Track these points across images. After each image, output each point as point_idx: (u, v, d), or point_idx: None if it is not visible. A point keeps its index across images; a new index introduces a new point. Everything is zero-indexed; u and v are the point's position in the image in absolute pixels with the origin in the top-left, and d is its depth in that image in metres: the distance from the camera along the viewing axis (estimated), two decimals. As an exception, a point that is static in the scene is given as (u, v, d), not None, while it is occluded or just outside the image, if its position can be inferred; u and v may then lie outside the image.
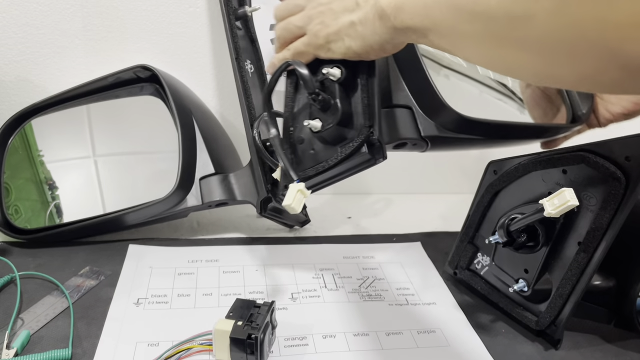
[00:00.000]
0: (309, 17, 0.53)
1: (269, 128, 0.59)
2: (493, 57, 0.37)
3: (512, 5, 0.32)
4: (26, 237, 0.71)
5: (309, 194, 0.53)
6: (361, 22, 0.49)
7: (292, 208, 0.51)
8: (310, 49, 0.54)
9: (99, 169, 0.75)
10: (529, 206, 0.59)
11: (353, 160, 0.57)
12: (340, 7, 0.51)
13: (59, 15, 0.80)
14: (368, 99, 0.56)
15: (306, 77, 0.54)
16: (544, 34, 0.31)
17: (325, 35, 0.52)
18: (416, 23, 0.43)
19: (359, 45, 0.50)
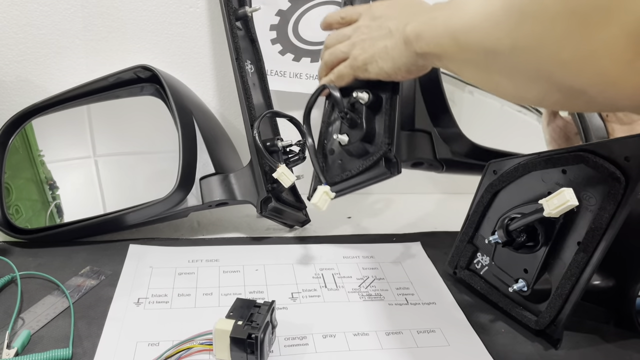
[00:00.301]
0: (353, 44, 0.63)
1: (306, 138, 0.69)
2: (482, 79, 0.44)
3: (486, 41, 0.40)
4: (27, 236, 0.71)
5: (333, 195, 0.64)
6: (392, 47, 0.57)
7: (318, 206, 0.63)
8: (351, 70, 0.63)
9: (99, 169, 0.75)
10: (528, 206, 0.59)
11: (372, 172, 0.68)
12: (378, 35, 0.60)
13: (60, 16, 0.80)
14: (389, 121, 0.66)
15: (338, 99, 0.65)
16: (508, 65, 0.38)
17: (363, 59, 0.61)
18: (431, 49, 0.50)
19: (390, 66, 0.59)
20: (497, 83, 0.42)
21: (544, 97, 0.38)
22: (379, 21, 0.62)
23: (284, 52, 0.86)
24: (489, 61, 0.40)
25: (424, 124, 0.71)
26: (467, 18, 0.43)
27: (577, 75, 0.31)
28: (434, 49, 0.50)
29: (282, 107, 0.88)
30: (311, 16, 0.85)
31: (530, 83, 0.37)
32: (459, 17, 0.44)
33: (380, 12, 0.63)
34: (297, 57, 0.87)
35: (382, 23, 0.61)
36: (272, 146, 0.73)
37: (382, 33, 0.60)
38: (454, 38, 0.45)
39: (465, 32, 0.43)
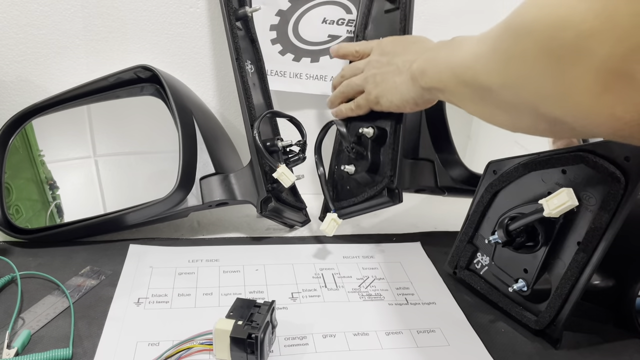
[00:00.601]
0: (366, 79, 0.70)
1: (318, 167, 0.76)
2: (480, 111, 0.48)
3: (479, 78, 0.44)
4: (27, 236, 0.71)
5: (340, 222, 0.73)
6: (401, 83, 0.63)
7: (326, 232, 0.72)
8: (366, 103, 0.70)
9: (99, 169, 0.75)
10: (528, 206, 0.59)
11: (375, 200, 0.74)
12: (387, 71, 0.67)
13: (60, 16, 0.80)
14: (392, 154, 0.72)
15: (344, 134, 0.72)
16: (500, 99, 0.42)
17: (376, 94, 0.68)
18: (435, 84, 0.55)
19: (399, 99, 0.65)
20: (493, 114, 0.46)
21: (534, 127, 0.42)
22: (388, 57, 0.67)
23: (284, 52, 0.86)
24: (483, 95, 0.44)
25: (428, 153, 0.77)
26: (463, 57, 0.47)
27: (557, 107, 0.35)
28: (437, 84, 0.54)
29: (282, 107, 0.88)
30: (311, 16, 0.85)
31: (521, 115, 0.41)
32: (456, 56, 0.49)
33: (389, 48, 0.68)
34: (297, 57, 0.87)
35: (390, 59, 0.67)
36: (272, 146, 0.73)
37: (392, 69, 0.66)
38: (454, 75, 0.49)
39: (462, 70, 0.47)
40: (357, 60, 0.74)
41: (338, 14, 0.85)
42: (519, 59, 0.37)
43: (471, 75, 0.45)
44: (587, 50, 0.30)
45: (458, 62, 0.48)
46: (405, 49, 0.66)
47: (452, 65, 0.50)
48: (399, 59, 0.65)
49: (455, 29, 0.85)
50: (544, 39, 0.33)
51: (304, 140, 0.76)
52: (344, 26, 0.86)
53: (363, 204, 0.75)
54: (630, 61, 0.28)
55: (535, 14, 0.34)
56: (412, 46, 0.66)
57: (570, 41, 0.31)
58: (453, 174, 0.76)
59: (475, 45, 0.44)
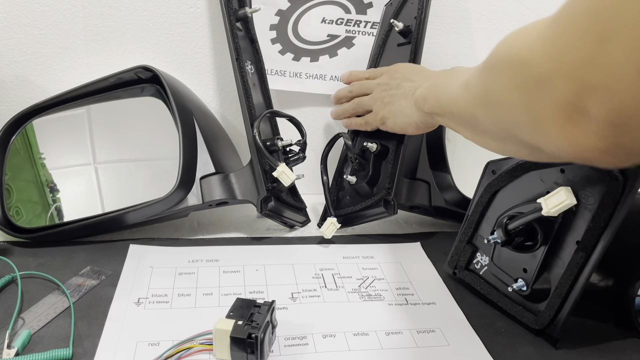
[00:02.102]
0: (375, 100, 0.75)
1: (322, 175, 0.80)
2: (473, 136, 0.52)
3: (468, 108, 0.48)
4: (27, 236, 0.71)
5: (339, 226, 0.77)
6: (405, 106, 0.68)
7: (325, 234, 0.76)
8: (373, 122, 0.76)
9: (100, 169, 0.75)
10: (527, 205, 0.59)
11: (373, 210, 0.78)
12: (396, 95, 0.71)
13: (60, 16, 0.80)
14: (392, 169, 0.77)
15: (349, 146, 0.77)
16: (486, 127, 0.46)
17: (382, 115, 0.73)
18: (434, 110, 0.60)
19: (403, 122, 0.69)
20: (482, 140, 0.50)
21: (518, 152, 0.47)
22: (397, 81, 0.72)
23: (284, 51, 0.86)
24: (473, 123, 0.49)
25: (425, 175, 0.81)
26: (456, 87, 0.51)
27: (531, 136, 0.39)
28: (436, 110, 0.59)
29: (282, 106, 0.88)
30: (310, 16, 0.85)
31: (505, 141, 0.45)
32: (452, 85, 0.53)
33: (399, 74, 0.74)
34: (296, 57, 0.87)
35: (399, 83, 0.71)
36: (272, 145, 0.73)
37: (399, 92, 0.71)
38: (450, 102, 0.54)
39: (455, 99, 0.52)
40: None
41: (337, 13, 0.86)
42: (496, 92, 0.42)
43: (462, 104, 0.50)
44: (548, 86, 0.34)
45: (453, 92, 0.52)
46: (413, 75, 0.71)
47: (449, 93, 0.54)
48: (407, 84, 0.70)
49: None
50: (514, 75, 0.38)
51: (304, 140, 0.76)
52: (343, 26, 0.86)
53: (361, 213, 0.79)
54: (583, 97, 0.31)
55: (505, 54, 0.39)
56: (419, 74, 0.71)
57: (533, 78, 0.35)
58: (446, 196, 0.80)
59: (466, 77, 0.49)
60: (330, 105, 0.92)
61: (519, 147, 0.44)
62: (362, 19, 0.87)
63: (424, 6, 0.79)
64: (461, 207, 0.77)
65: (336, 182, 0.84)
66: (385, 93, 0.73)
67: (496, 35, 0.89)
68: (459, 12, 0.90)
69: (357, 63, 0.88)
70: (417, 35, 0.78)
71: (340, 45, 0.88)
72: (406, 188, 0.79)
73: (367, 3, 0.86)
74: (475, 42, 0.92)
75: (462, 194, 0.79)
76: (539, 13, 0.91)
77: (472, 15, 0.90)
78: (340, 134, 0.78)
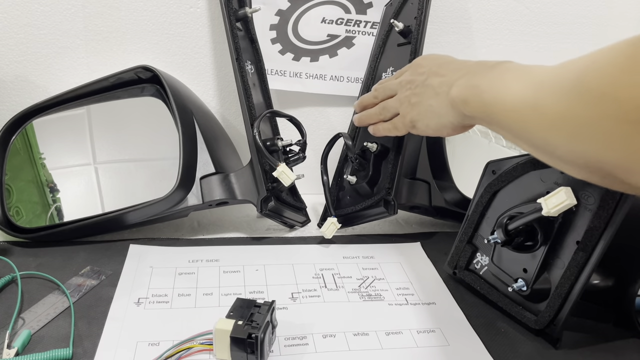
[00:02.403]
0: (400, 101, 0.67)
1: (322, 175, 0.79)
2: (535, 154, 0.46)
3: (537, 133, 0.42)
4: (27, 236, 0.71)
5: (339, 226, 0.76)
6: (438, 107, 0.59)
7: (325, 234, 0.76)
8: (402, 126, 0.67)
9: (100, 169, 0.75)
10: (527, 205, 0.59)
11: (373, 210, 0.78)
12: (422, 93, 0.63)
13: (61, 16, 0.80)
14: (392, 169, 0.76)
15: (350, 146, 0.76)
16: (561, 153, 0.41)
17: (411, 117, 0.64)
18: (478, 114, 0.52)
19: (435, 124, 0.61)
20: (550, 160, 0.44)
21: (596, 180, 0.41)
22: (423, 77, 0.63)
23: (284, 51, 0.86)
24: (544, 146, 0.43)
25: (425, 175, 0.81)
26: (514, 100, 0.45)
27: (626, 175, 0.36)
28: (482, 116, 0.51)
29: (282, 106, 0.88)
30: (310, 16, 0.85)
31: (583, 169, 0.41)
32: (504, 95, 0.46)
33: (423, 68, 0.64)
34: (296, 57, 0.87)
35: (425, 80, 0.62)
36: (272, 145, 0.73)
37: (427, 91, 0.62)
38: (507, 117, 0.46)
39: (518, 115, 0.44)
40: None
41: (337, 13, 0.86)
42: (589, 125, 0.37)
43: (531, 126, 0.43)
44: None
45: (511, 103, 0.45)
46: (440, 69, 0.62)
47: (504, 104, 0.47)
48: (435, 80, 0.61)
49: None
50: (631, 108, 0.33)
51: (304, 140, 0.76)
52: (343, 26, 0.86)
53: (361, 213, 0.79)
54: None
55: (623, 81, 0.34)
56: (448, 66, 0.62)
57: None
58: (446, 196, 0.80)
59: (537, 90, 0.42)
60: (331, 104, 0.92)
61: (590, 174, 0.41)
62: (362, 19, 0.87)
63: (424, 6, 0.79)
64: (461, 207, 0.77)
65: (336, 182, 0.84)
66: (411, 92, 0.65)
67: (496, 35, 0.91)
68: (459, 12, 0.90)
69: (357, 63, 0.88)
70: (417, 35, 0.78)
71: (340, 45, 0.88)
72: (406, 188, 0.78)
73: (367, 3, 0.86)
74: (475, 42, 0.92)
75: (462, 194, 0.79)
76: (539, 13, 0.91)
77: (472, 15, 0.90)
78: (340, 134, 0.78)
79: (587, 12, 0.93)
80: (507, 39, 0.92)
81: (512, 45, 0.92)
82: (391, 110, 0.69)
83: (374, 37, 0.87)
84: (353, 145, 0.79)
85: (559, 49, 0.94)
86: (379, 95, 0.72)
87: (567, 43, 0.94)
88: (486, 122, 0.51)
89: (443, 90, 0.58)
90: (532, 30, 0.92)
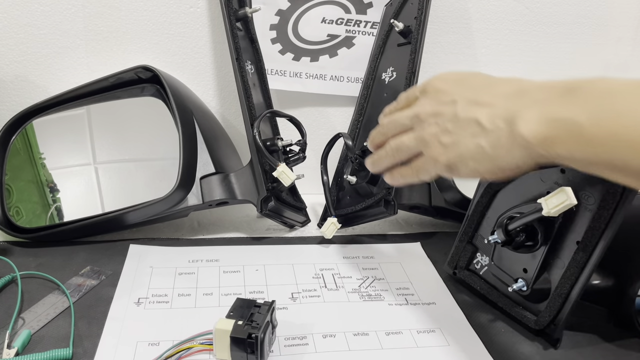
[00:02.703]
0: (424, 141, 0.51)
1: (322, 175, 0.79)
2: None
3: None
4: (27, 235, 0.71)
5: (339, 226, 0.76)
6: (493, 147, 0.45)
7: (325, 234, 0.76)
8: (432, 170, 0.52)
9: (100, 169, 0.75)
10: (527, 206, 0.59)
11: (372, 210, 0.78)
12: (460, 129, 0.48)
13: (61, 16, 0.80)
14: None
15: (350, 146, 0.75)
16: None
17: (446, 160, 0.49)
18: (572, 154, 0.41)
19: (488, 168, 0.47)
20: None
21: None
22: (451, 107, 0.49)
23: (284, 51, 0.86)
24: None
25: None
26: None
27: None
28: (585, 156, 0.40)
29: (282, 106, 0.88)
30: (310, 16, 0.85)
31: None
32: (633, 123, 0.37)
33: (448, 95, 0.50)
34: (296, 57, 0.87)
35: (457, 111, 0.48)
36: (272, 145, 0.73)
37: (466, 127, 0.47)
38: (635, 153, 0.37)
39: None
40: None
41: (337, 13, 0.86)
42: None
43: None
44: None
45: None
46: (476, 94, 0.48)
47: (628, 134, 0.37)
48: (474, 111, 0.47)
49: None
50: None
51: (304, 140, 0.76)
52: (343, 26, 0.86)
53: (361, 212, 0.79)
54: None
55: None
56: (485, 90, 0.48)
57: None
58: (446, 196, 0.80)
59: None
60: (331, 104, 0.92)
61: None
62: (362, 19, 0.87)
63: (424, 6, 0.79)
64: (461, 207, 0.77)
65: (336, 182, 0.84)
66: (438, 129, 0.49)
67: (496, 35, 0.91)
68: (459, 12, 0.90)
69: (357, 63, 0.88)
70: (417, 35, 0.78)
71: (340, 45, 0.88)
72: (406, 188, 0.78)
73: (367, 3, 0.86)
74: (475, 42, 0.92)
75: (462, 194, 0.79)
76: (539, 13, 0.91)
77: (472, 15, 0.90)
78: (340, 134, 0.78)
79: (587, 12, 0.93)
80: (507, 39, 0.92)
81: (512, 45, 0.93)
82: (408, 152, 0.54)
83: (374, 37, 0.87)
84: (353, 145, 0.79)
85: (559, 49, 0.94)
86: (387, 132, 0.57)
87: (567, 43, 0.94)
88: (585, 162, 0.41)
89: (498, 125, 0.45)
90: (532, 30, 0.92)
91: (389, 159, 0.56)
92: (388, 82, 0.83)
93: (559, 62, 0.94)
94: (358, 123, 0.85)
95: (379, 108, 0.84)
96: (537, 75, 0.89)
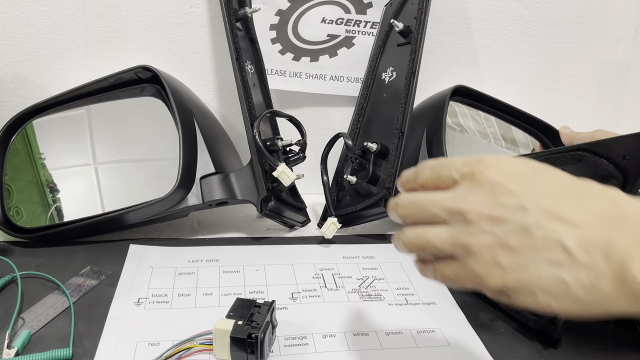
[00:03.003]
0: (468, 251, 0.37)
1: (322, 175, 0.79)
2: None
3: None
4: (27, 235, 0.71)
5: (339, 226, 0.76)
6: (583, 286, 0.34)
7: (325, 234, 0.76)
8: (468, 285, 0.39)
9: (100, 169, 0.75)
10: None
11: (373, 210, 0.77)
12: (528, 249, 0.35)
13: (61, 16, 0.80)
14: (392, 169, 0.76)
15: (350, 146, 0.76)
16: None
17: (501, 285, 0.36)
18: None
19: (569, 308, 0.35)
20: None
21: None
22: (521, 216, 0.36)
23: (284, 51, 0.86)
24: None
25: None
26: None
27: None
28: None
29: (282, 106, 0.88)
30: (310, 16, 0.85)
31: None
32: None
33: (517, 197, 0.36)
34: (296, 57, 0.87)
35: (531, 224, 0.35)
36: (272, 145, 0.73)
37: (541, 248, 0.35)
38: None
39: None
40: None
41: (337, 13, 0.86)
42: None
43: None
44: None
45: None
46: (560, 206, 0.35)
47: None
48: (560, 231, 0.34)
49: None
50: None
51: (304, 140, 0.76)
52: (343, 26, 0.86)
53: (361, 212, 0.78)
54: None
55: None
56: (574, 202, 0.36)
57: None
58: None
59: None
60: (331, 104, 0.92)
61: None
62: (362, 19, 0.87)
63: (424, 6, 0.79)
64: None
65: (336, 182, 0.84)
66: (494, 240, 0.36)
67: (496, 35, 0.91)
68: (459, 12, 0.90)
69: (357, 63, 0.88)
70: (417, 35, 0.78)
71: (340, 45, 0.88)
72: None
73: (367, 3, 0.86)
74: (475, 42, 0.92)
75: None
76: (539, 13, 0.91)
77: (472, 15, 0.90)
78: (340, 134, 0.78)
79: (587, 12, 0.93)
80: (507, 39, 0.92)
81: (512, 45, 0.93)
82: (436, 251, 0.41)
83: (374, 37, 0.87)
84: (353, 145, 0.79)
85: (559, 49, 0.94)
86: (407, 215, 0.46)
87: (567, 43, 0.94)
88: None
89: (594, 258, 0.33)
90: (532, 30, 0.92)
91: (414, 251, 0.45)
92: (388, 82, 0.83)
93: (559, 62, 0.94)
94: (358, 123, 0.85)
95: (379, 108, 0.84)
96: (537, 75, 0.90)
